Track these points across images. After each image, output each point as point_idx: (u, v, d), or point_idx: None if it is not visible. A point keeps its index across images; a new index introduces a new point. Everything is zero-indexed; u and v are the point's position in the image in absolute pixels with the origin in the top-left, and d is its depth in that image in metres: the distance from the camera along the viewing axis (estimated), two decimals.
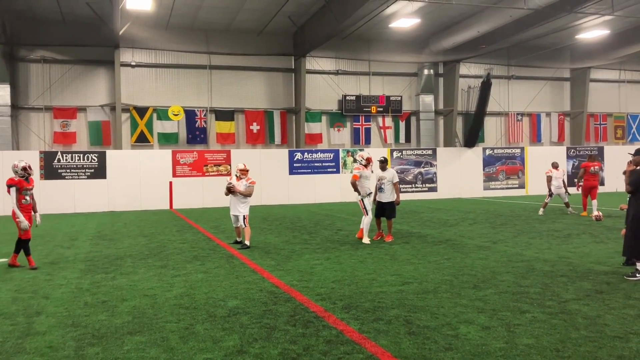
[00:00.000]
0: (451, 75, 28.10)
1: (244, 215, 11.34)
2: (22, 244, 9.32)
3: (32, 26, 22.55)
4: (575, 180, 18.24)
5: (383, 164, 12.04)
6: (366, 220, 11.78)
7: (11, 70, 22.67)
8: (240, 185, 11.31)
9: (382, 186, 11.95)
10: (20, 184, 9.28)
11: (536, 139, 30.37)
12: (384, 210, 11.99)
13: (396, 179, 11.94)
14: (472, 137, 27.75)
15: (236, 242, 11.75)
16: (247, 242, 11.23)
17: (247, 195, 11.28)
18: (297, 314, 6.02)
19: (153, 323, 5.78)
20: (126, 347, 5.01)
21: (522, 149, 29.11)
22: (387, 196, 11.91)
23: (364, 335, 5.26)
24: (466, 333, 5.26)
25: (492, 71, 27.23)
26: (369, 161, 11.87)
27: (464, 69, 28.31)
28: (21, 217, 9.11)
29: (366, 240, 11.69)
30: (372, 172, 12.02)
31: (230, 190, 11.22)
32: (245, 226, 11.36)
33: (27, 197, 9.37)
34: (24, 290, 7.53)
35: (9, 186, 9.18)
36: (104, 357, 4.76)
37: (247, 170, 11.62)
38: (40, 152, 22.13)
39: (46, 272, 8.89)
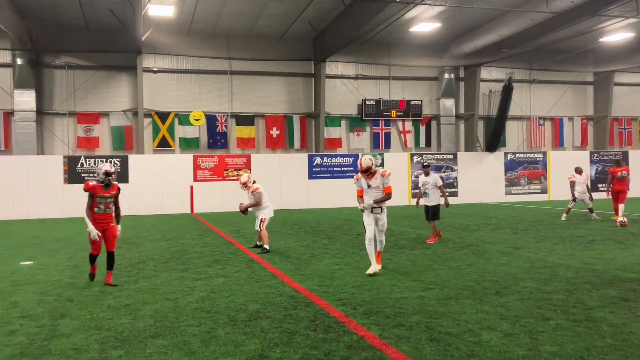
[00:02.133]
0: (472, 79, 27.92)
1: (261, 219, 11.46)
2: (90, 258, 8.34)
3: (57, 33, 22.94)
4: (604, 186, 17.98)
5: (426, 168, 12.76)
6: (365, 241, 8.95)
7: (36, 76, 23.08)
8: (246, 200, 11.64)
9: (427, 191, 12.54)
10: (95, 190, 8.15)
11: (558, 143, 29.99)
12: (429, 214, 12.58)
13: (439, 183, 12.49)
14: (494, 141, 27.51)
15: (256, 246, 11.81)
16: (266, 246, 11.29)
17: (256, 204, 11.45)
18: (318, 319, 6.02)
19: (175, 326, 5.83)
20: (148, 351, 5.05)
21: (545, 153, 28.77)
22: (432, 200, 12.51)
23: (385, 341, 5.23)
24: (488, 340, 5.21)
25: (514, 75, 26.96)
26: (368, 169, 9.05)
27: (485, 73, 28.10)
28: (90, 226, 8.09)
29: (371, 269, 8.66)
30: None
31: (244, 211, 11.45)
32: (262, 230, 11.44)
33: (102, 206, 8.19)
34: (49, 293, 7.64)
35: (84, 190, 8.26)
36: None
37: (245, 183, 11.70)
38: (64, 157, 22.48)
39: (70, 275, 9.01)
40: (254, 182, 11.73)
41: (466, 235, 13.54)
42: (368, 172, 9.06)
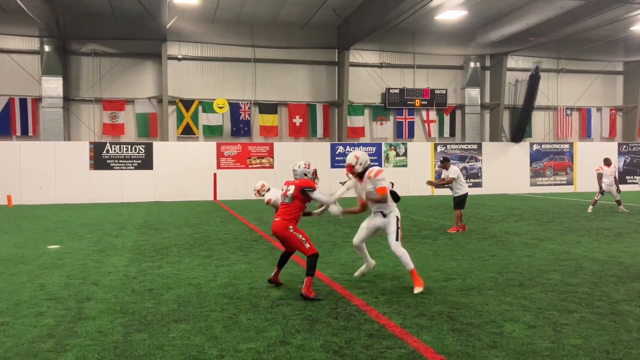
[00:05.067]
0: (498, 68, 27.53)
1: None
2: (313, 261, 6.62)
3: (84, 20, 23.20)
4: (633, 178, 17.63)
5: (444, 163, 12.91)
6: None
7: (63, 63, 23.40)
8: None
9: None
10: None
11: (586, 134, 29.47)
12: (453, 203, 12.73)
13: (451, 176, 12.59)
14: (519, 131, 27.15)
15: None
16: None
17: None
18: (339, 307, 6.03)
19: (198, 312, 5.89)
20: (172, 335, 5.12)
21: (571, 144, 28.31)
22: (455, 190, 12.67)
23: (406, 330, 5.22)
24: (511, 331, 5.16)
25: (541, 64, 26.54)
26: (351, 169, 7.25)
27: (512, 62, 27.68)
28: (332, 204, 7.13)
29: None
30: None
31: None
32: None
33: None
34: (75, 276, 7.78)
35: (311, 190, 6.91)
36: (151, 344, 4.87)
37: (259, 191, 11.20)
38: (90, 143, 22.82)
39: (95, 259, 9.16)
40: (268, 189, 11.11)
41: (489, 226, 13.41)
42: (356, 174, 7.15)
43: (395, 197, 7.14)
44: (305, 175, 7.03)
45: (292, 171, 7.13)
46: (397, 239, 6.88)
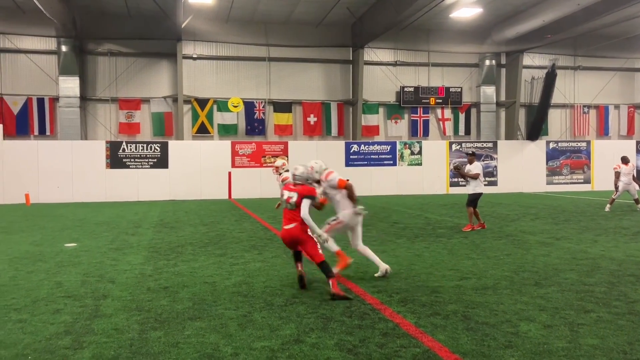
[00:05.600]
0: (514, 66, 27.31)
1: None
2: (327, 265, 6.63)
3: (100, 20, 23.40)
4: None
5: (470, 157, 12.85)
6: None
7: (80, 63, 23.63)
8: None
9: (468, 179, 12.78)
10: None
11: (603, 132, 29.13)
12: (467, 200, 12.66)
13: (476, 171, 12.48)
14: (535, 129, 26.92)
15: None
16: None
17: None
18: (353, 306, 6.03)
19: (212, 309, 5.92)
20: (187, 332, 5.15)
21: (588, 142, 28.00)
22: (469, 189, 12.68)
23: (420, 329, 5.20)
24: (527, 331, 5.12)
25: (558, 62, 26.29)
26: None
27: (528, 59, 27.44)
28: (317, 230, 6.77)
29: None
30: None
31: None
32: None
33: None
34: (92, 274, 7.86)
35: (312, 198, 6.87)
36: (166, 341, 4.91)
37: (277, 168, 11.40)
38: (107, 142, 23.03)
39: (112, 257, 9.24)
40: (287, 170, 11.18)
41: (505, 225, 13.31)
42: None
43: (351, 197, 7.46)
44: (307, 180, 7.01)
45: (292, 174, 7.11)
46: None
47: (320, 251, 6.67)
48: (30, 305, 6.15)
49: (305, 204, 6.68)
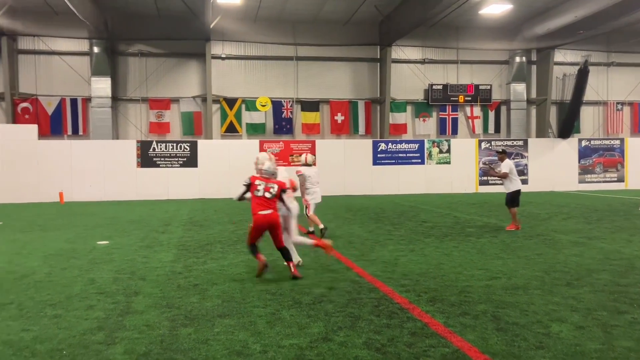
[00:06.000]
0: (545, 62, 26.84)
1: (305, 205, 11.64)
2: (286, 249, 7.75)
3: (130, 22, 23.76)
4: None
5: (500, 155, 12.61)
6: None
7: (111, 64, 24.05)
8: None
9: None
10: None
11: (638, 129, 28.42)
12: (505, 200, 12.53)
13: (504, 170, 12.23)
14: (567, 127, 26.41)
15: (310, 233, 11.72)
16: (319, 226, 11.42)
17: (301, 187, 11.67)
18: (381, 305, 6.01)
19: (241, 307, 5.98)
20: (216, 329, 5.21)
21: (622, 140, 27.36)
22: (506, 186, 12.43)
23: (449, 329, 5.17)
24: (558, 332, 5.05)
25: (590, 58, 25.69)
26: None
27: (559, 56, 26.93)
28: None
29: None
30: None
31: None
32: (307, 215, 11.65)
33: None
34: (123, 271, 8.01)
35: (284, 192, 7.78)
36: (196, 338, 4.98)
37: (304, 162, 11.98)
38: (137, 142, 23.38)
39: (143, 255, 9.40)
40: (306, 164, 11.80)
41: (536, 225, 13.11)
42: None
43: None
44: (273, 174, 7.68)
45: (256, 166, 7.96)
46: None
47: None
48: (65, 301, 6.30)
49: (285, 194, 7.69)
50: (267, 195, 7.48)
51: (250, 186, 7.64)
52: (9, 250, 10.04)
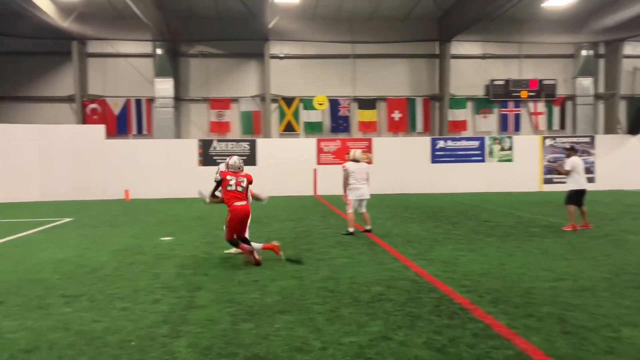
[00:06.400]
0: (614, 55, 25.71)
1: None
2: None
3: (191, 24, 24.40)
4: None
5: (568, 151, 12.18)
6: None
7: (174, 65, 24.76)
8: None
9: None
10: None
11: None
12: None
13: (566, 167, 11.84)
14: (637, 123, 25.20)
15: (366, 231, 11.69)
16: (350, 229, 11.39)
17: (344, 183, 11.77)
18: (442, 305, 5.92)
19: (300, 304, 6.02)
20: (277, 325, 5.28)
21: None
22: (568, 184, 12.06)
23: (513, 331, 5.04)
24: (630, 336, 4.83)
25: None
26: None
27: (629, 48, 25.74)
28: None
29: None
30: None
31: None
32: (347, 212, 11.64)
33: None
34: (187, 267, 8.23)
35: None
36: (257, 333, 5.05)
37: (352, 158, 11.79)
38: (199, 141, 23.97)
39: (204, 251, 9.63)
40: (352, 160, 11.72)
41: (604, 224, 12.58)
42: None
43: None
44: (239, 168, 8.59)
45: (227, 164, 8.70)
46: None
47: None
48: (132, 295, 6.53)
49: (252, 186, 8.83)
50: (239, 188, 8.33)
51: (221, 182, 8.34)
52: (80, 245, 10.50)
